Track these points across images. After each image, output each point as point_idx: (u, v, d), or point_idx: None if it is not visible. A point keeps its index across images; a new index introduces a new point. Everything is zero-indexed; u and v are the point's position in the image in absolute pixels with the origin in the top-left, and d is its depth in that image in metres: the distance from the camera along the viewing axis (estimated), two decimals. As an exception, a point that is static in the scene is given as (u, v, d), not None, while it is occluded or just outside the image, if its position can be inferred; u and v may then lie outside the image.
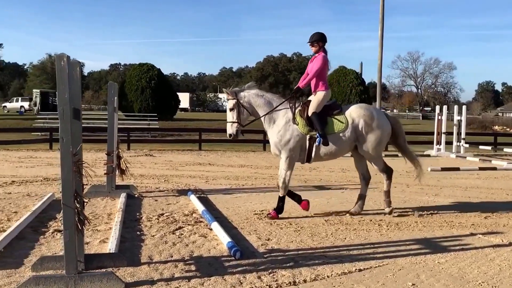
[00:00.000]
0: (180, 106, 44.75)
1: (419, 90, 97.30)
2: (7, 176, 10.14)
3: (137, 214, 6.78)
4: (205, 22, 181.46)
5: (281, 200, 6.77)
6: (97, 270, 4.19)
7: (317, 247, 5.35)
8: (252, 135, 21.99)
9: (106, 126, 8.21)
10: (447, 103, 73.92)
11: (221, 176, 10.86)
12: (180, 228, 6.02)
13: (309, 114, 6.73)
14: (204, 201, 7.65)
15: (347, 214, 7.00)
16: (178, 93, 42.54)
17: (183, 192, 8.49)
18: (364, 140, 6.80)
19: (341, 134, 6.76)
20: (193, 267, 4.59)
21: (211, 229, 5.93)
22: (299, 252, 5.16)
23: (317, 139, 6.68)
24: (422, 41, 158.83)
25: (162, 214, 6.73)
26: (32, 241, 5.32)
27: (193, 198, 7.66)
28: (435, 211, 7.35)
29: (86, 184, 4.90)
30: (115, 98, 8.07)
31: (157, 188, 9.05)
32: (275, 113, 6.84)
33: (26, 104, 54.02)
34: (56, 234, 5.59)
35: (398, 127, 7.21)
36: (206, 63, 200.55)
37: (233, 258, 4.86)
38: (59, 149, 3.85)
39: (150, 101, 35.24)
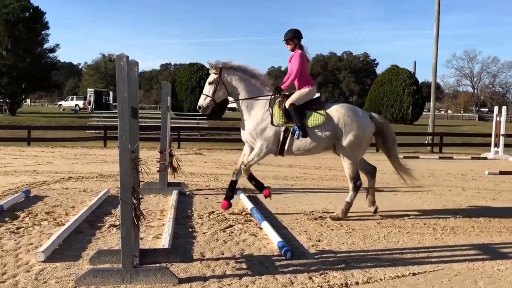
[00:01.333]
0: (228, 106, 45.16)
1: (475, 90, 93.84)
2: (64, 172, 10.57)
3: (189, 211, 6.90)
4: (254, 21, 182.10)
5: (233, 185, 6.82)
6: (151, 265, 4.29)
7: (369, 250, 5.26)
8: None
9: (157, 124, 8.42)
10: (506, 103, 70.94)
11: (270, 175, 10.88)
12: (230, 226, 6.08)
13: (287, 105, 6.58)
14: (254, 200, 7.68)
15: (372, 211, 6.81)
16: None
17: (232, 191, 8.56)
18: (342, 139, 6.57)
19: (316, 130, 6.56)
20: (244, 265, 4.62)
21: (261, 228, 5.95)
22: (351, 254, 5.09)
23: (296, 132, 6.53)
24: (479, 39, 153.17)
25: (213, 212, 6.82)
26: (89, 235, 5.52)
27: (242, 197, 7.72)
28: (493, 216, 7.07)
29: (142, 181, 5.03)
30: (168, 97, 8.25)
31: (207, 186, 9.19)
32: (254, 101, 6.74)
33: (80, 103, 56.04)
34: (112, 229, 5.78)
35: (385, 129, 6.96)
36: (254, 62, 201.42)
37: (284, 257, 4.86)
38: (117, 147, 3.97)
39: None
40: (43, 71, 40.32)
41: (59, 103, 65.52)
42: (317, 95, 7.05)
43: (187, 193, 8.26)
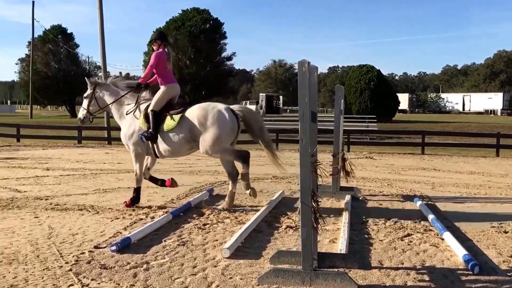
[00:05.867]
0: (398, 108, 43.51)
1: None
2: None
3: (363, 217, 6.76)
4: (426, 19, 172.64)
5: (136, 191, 7.22)
6: (330, 269, 4.29)
7: None
8: (482, 139, 20.11)
9: (326, 128, 8.41)
10: None
11: (449, 183, 10.13)
12: (408, 235, 5.78)
13: (148, 111, 7.05)
14: (432, 208, 7.22)
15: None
16: (397, 94, 41.44)
17: (408, 198, 8.17)
18: (201, 140, 6.86)
19: (172, 133, 6.95)
20: (426, 277, 4.35)
21: (442, 239, 5.56)
22: (554, 275, 4.45)
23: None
24: None
25: (389, 219, 6.57)
26: (268, 235, 5.74)
27: (420, 204, 7.31)
28: None
29: (320, 184, 5.07)
30: (342, 100, 8.21)
31: (380, 192, 8.91)
32: (124, 107, 7.41)
33: (253, 107, 59.31)
34: (289, 230, 5.94)
35: (249, 118, 7.11)
36: (427, 61, 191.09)
37: (471, 272, 4.45)
38: (298, 150, 4.05)
39: (369, 102, 35.16)
40: (221, 78, 43.81)
41: (232, 107, 70.28)
42: (176, 93, 7.36)
43: (360, 198, 8.12)
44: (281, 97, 63.21)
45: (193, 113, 6.95)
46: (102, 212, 6.84)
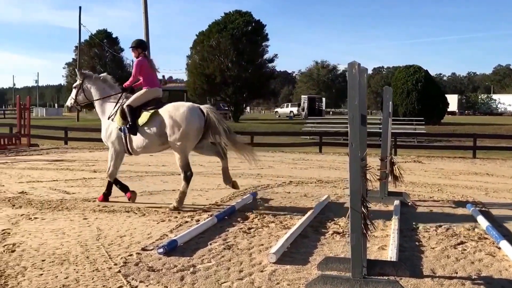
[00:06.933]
0: (447, 109, 42.20)
1: None
2: (285, 177, 11.13)
3: (413, 223, 6.53)
4: (476, 16, 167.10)
5: (109, 185, 7.78)
6: (380, 277, 4.14)
7: None
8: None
9: (371, 130, 8.19)
10: None
11: (504, 188, 9.69)
12: (462, 243, 5.53)
13: (124, 107, 7.42)
14: (487, 215, 6.89)
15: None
16: (445, 95, 40.19)
17: (460, 204, 7.85)
18: (169, 134, 7.18)
19: (146, 128, 7.30)
20: (483, 288, 4.13)
21: (499, 248, 5.28)
22: None
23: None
24: None
25: (440, 226, 6.31)
26: (314, 240, 5.63)
27: (474, 211, 7.00)
28: None
29: (370, 189, 4.93)
30: (390, 103, 7.99)
31: (430, 197, 8.60)
32: (107, 105, 7.82)
33: (294, 109, 58.75)
34: (336, 236, 5.80)
35: (210, 119, 7.25)
36: (477, 61, 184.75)
37: (533, 285, 4.20)
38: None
39: (416, 104, 34.27)
40: (263, 80, 43.73)
41: (275, 109, 70.10)
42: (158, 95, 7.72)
43: (409, 203, 7.86)
44: (323, 99, 62.43)
45: (165, 110, 7.33)
46: (148, 215, 6.91)
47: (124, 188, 7.83)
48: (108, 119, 7.75)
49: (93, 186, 9.43)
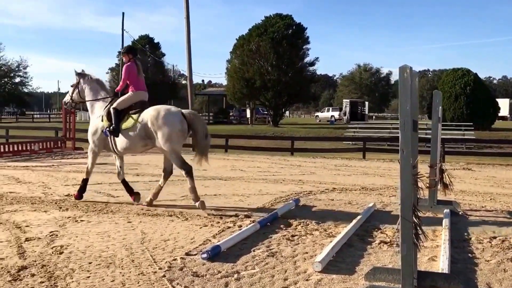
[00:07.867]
0: (498, 114, 40.59)
1: None
2: (327, 183, 10.91)
3: (465, 234, 6.25)
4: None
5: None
6: (432, 291, 3.95)
7: None
8: None
9: (420, 136, 7.90)
10: None
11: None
12: (519, 256, 5.23)
13: (111, 108, 7.75)
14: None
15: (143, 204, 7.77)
16: (496, 100, 38.66)
17: (515, 214, 7.48)
18: (154, 137, 7.49)
19: (129, 132, 7.62)
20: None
21: (559, 262, 4.96)
22: None
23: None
24: None
25: (495, 238, 6.00)
26: (360, 249, 5.46)
27: (530, 221, 6.64)
28: None
29: (419, 198, 4.74)
30: (440, 107, 7.71)
31: (482, 207, 8.22)
32: (97, 104, 8.21)
33: (336, 114, 57.69)
34: (383, 245, 5.61)
35: (194, 123, 7.63)
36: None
37: None
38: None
39: (465, 109, 33.13)
40: (303, 84, 43.16)
41: (315, 114, 69.30)
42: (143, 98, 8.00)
43: (460, 213, 7.54)
44: (366, 103, 61.18)
45: (148, 113, 7.60)
46: (191, 219, 6.92)
47: (83, 190, 8.20)
48: (97, 118, 8.13)
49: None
